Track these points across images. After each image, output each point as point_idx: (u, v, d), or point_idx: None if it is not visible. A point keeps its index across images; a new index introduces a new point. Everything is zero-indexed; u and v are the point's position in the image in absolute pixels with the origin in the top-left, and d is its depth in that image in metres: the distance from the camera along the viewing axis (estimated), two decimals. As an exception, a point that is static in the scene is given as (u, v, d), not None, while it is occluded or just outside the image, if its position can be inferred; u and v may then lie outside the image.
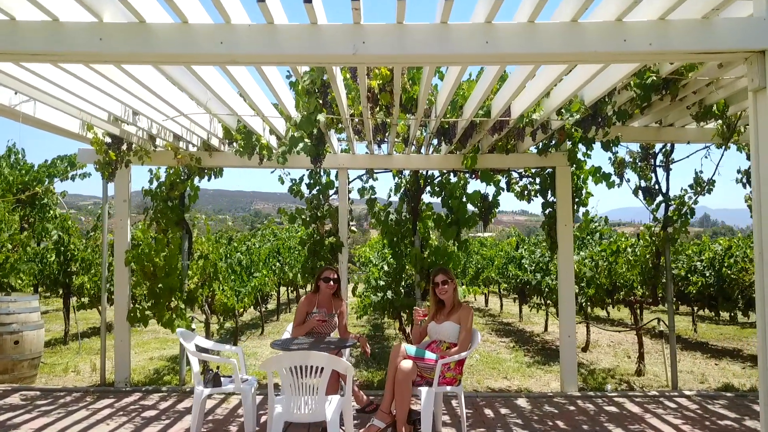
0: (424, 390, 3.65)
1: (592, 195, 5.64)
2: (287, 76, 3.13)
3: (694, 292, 8.31)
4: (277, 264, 10.10)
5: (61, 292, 8.37)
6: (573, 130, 4.29)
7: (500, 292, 13.83)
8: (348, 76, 3.17)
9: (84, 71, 3.39)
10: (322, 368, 3.17)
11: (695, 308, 9.33)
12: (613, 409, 4.76)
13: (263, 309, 10.05)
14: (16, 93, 3.89)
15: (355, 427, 3.90)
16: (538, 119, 3.94)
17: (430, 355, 3.80)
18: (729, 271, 7.54)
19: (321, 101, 3.01)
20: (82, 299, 8.77)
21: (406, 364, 3.64)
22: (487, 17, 2.33)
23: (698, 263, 8.51)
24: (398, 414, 3.69)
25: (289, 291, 15.61)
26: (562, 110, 3.89)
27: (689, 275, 8.55)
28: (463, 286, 6.66)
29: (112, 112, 4.28)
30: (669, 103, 4.34)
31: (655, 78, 3.83)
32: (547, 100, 3.93)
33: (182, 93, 3.80)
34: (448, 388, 3.79)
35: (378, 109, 3.75)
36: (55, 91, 3.73)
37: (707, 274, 8.10)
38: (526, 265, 9.33)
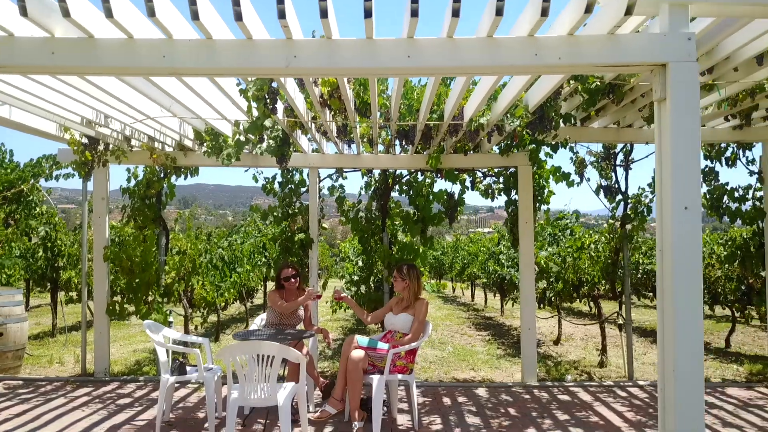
0: (375, 378, 3.88)
1: (554, 194, 5.85)
2: (237, 84, 3.34)
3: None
4: (263, 259, 10.33)
5: (48, 286, 8.60)
6: (525, 132, 4.50)
7: (484, 287, 14.08)
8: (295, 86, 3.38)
9: (53, 80, 3.60)
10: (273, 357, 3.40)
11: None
12: (566, 397, 4.99)
13: (248, 304, 10.28)
14: None
15: (312, 411, 4.14)
16: (485, 123, 4.14)
17: (381, 345, 4.03)
18: (696, 267, 7.75)
19: (270, 107, 3.21)
20: (70, 293, 9.02)
21: (357, 353, 3.87)
22: (408, 33, 2.53)
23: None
24: (351, 401, 3.92)
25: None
26: (508, 114, 4.09)
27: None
28: (435, 281, 6.87)
29: (85, 116, 4.49)
30: (616, 107, 4.54)
31: (598, 83, 4.04)
32: (495, 104, 4.13)
33: (146, 98, 4.00)
34: (399, 376, 4.02)
35: (334, 113, 3.95)
36: (26, 97, 3.94)
37: (677, 270, 8.31)
38: (503, 261, 9.55)
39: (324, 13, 2.35)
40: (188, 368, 4.15)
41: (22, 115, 4.59)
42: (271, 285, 15.87)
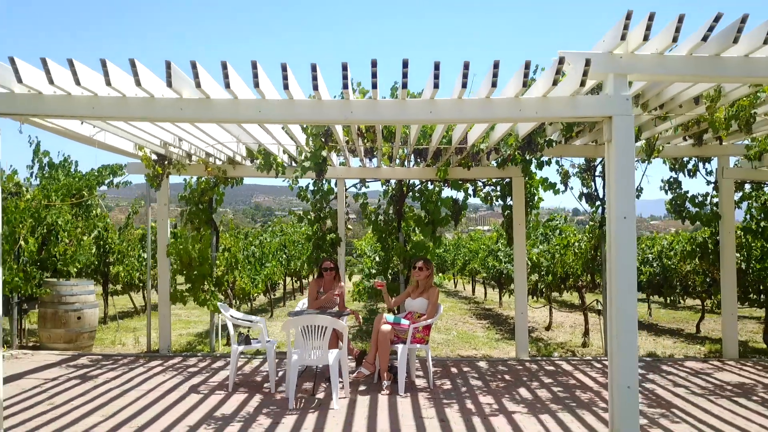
0: (399, 347, 4.99)
1: (543, 200, 6.96)
2: (300, 124, 4.44)
3: (645, 280, 9.64)
4: (284, 256, 11.46)
5: (100, 279, 9.74)
6: (516, 153, 5.60)
7: (484, 282, 15.19)
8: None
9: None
10: (326, 327, 4.51)
11: (649, 294, 10.68)
12: (551, 368, 6.11)
13: (272, 296, 11.42)
14: (82, 123, 5.02)
15: (349, 374, 5.26)
16: (484, 148, 5.25)
17: (404, 321, 5.15)
18: (669, 262, 8.86)
19: (324, 140, 4.32)
20: (116, 286, 10.16)
21: (385, 327, 4.99)
22: (431, 97, 3.64)
23: (650, 255, 9.84)
24: (381, 364, 5.04)
25: (294, 281, 17.00)
26: (502, 142, 5.19)
27: (641, 266, 9.87)
28: (439, 275, 7.97)
29: (164, 139, 5.60)
30: (590, 131, 5.63)
31: (574, 115, 5.13)
32: (492, 132, 5.24)
33: (219, 127, 5.11)
34: (418, 345, 5.14)
35: (366, 140, 5.06)
36: (123, 125, 5.04)
37: (654, 265, 9.43)
38: (501, 257, 10.66)
39: (374, 86, 3.46)
40: (252, 340, 5.27)
41: (112, 138, 5.70)
42: (289, 280, 17.07)
